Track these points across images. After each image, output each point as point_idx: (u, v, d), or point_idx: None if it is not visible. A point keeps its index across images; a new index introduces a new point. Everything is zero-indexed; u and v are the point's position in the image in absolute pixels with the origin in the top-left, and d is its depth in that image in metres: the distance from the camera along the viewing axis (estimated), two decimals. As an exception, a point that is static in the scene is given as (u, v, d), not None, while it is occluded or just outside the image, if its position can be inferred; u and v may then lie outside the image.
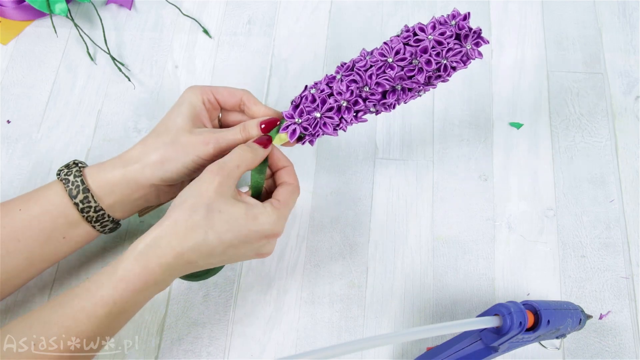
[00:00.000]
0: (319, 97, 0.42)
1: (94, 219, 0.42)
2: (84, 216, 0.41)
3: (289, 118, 0.42)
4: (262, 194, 0.45)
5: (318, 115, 0.42)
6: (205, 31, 0.62)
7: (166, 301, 0.49)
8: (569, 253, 0.51)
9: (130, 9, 0.63)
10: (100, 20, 0.61)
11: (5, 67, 0.60)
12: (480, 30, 0.40)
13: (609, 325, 0.48)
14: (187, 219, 0.38)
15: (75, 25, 0.60)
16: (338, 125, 0.42)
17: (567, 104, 0.58)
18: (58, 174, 0.43)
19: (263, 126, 0.43)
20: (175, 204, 0.39)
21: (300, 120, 0.42)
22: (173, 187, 0.45)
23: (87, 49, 0.60)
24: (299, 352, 0.31)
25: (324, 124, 0.42)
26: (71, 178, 0.42)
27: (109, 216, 0.43)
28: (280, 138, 0.43)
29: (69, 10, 0.60)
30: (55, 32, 0.61)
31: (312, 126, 0.42)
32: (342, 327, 0.48)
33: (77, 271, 0.50)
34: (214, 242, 0.38)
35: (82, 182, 0.41)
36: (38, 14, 0.62)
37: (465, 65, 0.41)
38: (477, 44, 0.40)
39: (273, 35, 0.62)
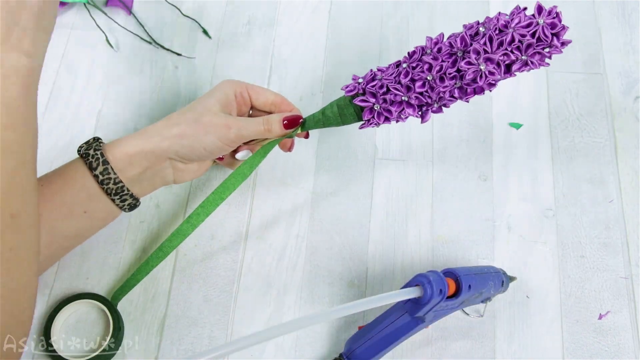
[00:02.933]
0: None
1: (114, 192, 0.42)
2: (103, 188, 0.42)
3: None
4: None
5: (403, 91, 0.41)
6: (205, 31, 0.62)
7: (166, 301, 0.49)
8: (569, 253, 0.51)
9: (129, 14, 0.62)
10: (101, 18, 0.61)
11: (5, 67, 0.60)
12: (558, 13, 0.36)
13: (608, 326, 0.48)
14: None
15: (93, 7, 0.60)
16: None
17: (566, 104, 0.58)
18: (79, 151, 0.43)
19: (285, 122, 0.45)
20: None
21: (382, 77, 0.42)
22: (190, 167, 0.46)
23: (107, 37, 0.60)
24: (229, 342, 0.32)
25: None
26: (91, 152, 0.42)
27: (128, 190, 0.43)
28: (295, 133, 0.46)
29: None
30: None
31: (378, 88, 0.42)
32: (341, 327, 0.48)
33: (78, 271, 0.50)
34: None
35: (102, 154, 0.42)
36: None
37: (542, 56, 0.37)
38: (553, 26, 0.36)
39: (273, 36, 0.62)
